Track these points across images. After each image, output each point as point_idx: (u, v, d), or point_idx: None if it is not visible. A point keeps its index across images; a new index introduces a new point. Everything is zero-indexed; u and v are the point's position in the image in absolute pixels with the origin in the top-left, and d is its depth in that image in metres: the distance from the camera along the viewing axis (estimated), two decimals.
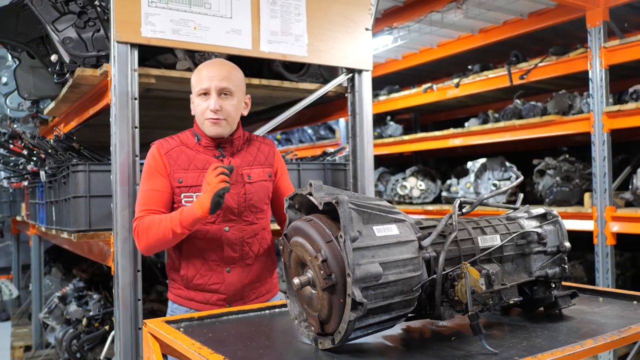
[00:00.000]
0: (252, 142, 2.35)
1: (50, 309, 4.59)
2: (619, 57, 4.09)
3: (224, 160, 2.23)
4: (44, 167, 3.25)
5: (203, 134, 2.23)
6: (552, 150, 5.50)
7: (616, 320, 1.73)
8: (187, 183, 2.17)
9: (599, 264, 4.18)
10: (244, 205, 2.22)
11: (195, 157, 2.21)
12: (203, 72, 2.20)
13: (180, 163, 2.19)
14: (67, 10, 2.69)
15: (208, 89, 2.17)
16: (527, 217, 1.89)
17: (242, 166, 2.24)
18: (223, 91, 2.18)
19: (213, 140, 2.23)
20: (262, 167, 2.30)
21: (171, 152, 2.20)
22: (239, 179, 2.22)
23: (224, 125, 2.19)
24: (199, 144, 2.24)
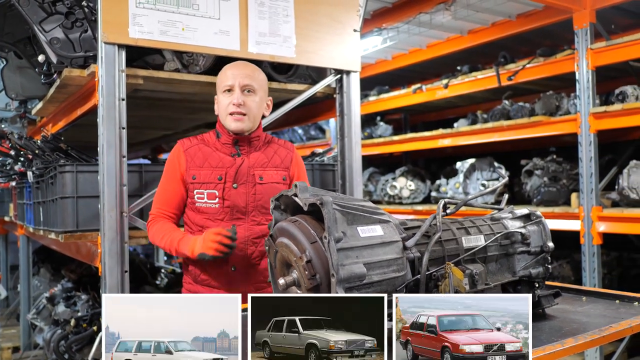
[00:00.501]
0: (271, 145, 2.39)
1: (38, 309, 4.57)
2: (605, 59, 4.13)
3: (238, 159, 2.27)
4: (31, 168, 3.24)
5: (224, 131, 2.28)
6: (540, 151, 5.54)
7: (598, 319, 1.75)
8: (199, 180, 2.24)
9: (585, 263, 4.21)
10: (252, 205, 2.26)
11: (210, 155, 2.27)
12: (228, 71, 2.27)
13: (196, 160, 2.26)
14: (55, 10, 2.69)
15: (232, 85, 2.23)
16: (511, 217, 1.91)
17: (254, 167, 2.28)
18: (246, 88, 2.24)
19: (231, 137, 2.27)
20: (276, 169, 2.33)
21: (190, 149, 2.28)
22: (249, 179, 2.26)
23: (245, 120, 2.24)
24: (218, 141, 2.29)
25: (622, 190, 4.09)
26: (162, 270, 5.42)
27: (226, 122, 2.25)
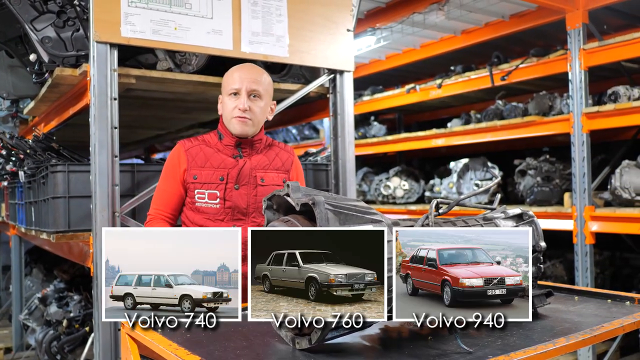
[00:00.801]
0: (272, 148, 2.41)
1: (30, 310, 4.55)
2: (598, 59, 4.14)
3: (239, 160, 2.29)
4: (23, 168, 3.22)
5: (226, 132, 2.30)
6: (534, 151, 5.56)
7: (590, 319, 1.76)
8: (201, 180, 2.25)
9: (578, 263, 4.23)
10: (253, 207, 2.28)
11: (212, 156, 2.28)
12: (235, 74, 2.28)
13: (198, 160, 2.27)
14: (46, 9, 2.67)
15: (239, 89, 2.24)
16: (503, 217, 1.91)
17: (256, 168, 2.31)
18: (253, 93, 2.26)
19: (234, 139, 2.29)
20: (277, 172, 2.36)
21: (191, 149, 2.28)
22: (251, 181, 2.29)
23: (250, 125, 2.26)
24: (220, 143, 2.31)
25: (615, 190, 4.11)
26: None
27: (231, 125, 2.27)
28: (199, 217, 2.26)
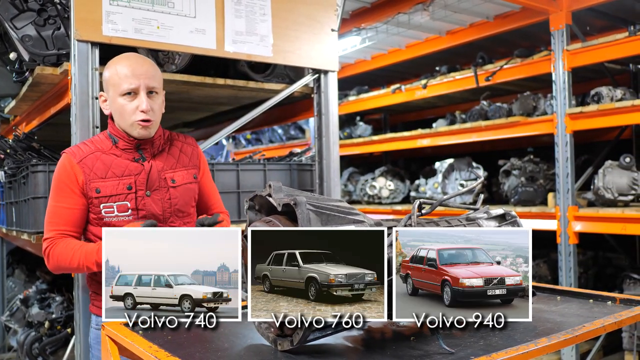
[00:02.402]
0: (174, 143, 2.19)
1: (12, 311, 4.50)
2: (581, 60, 4.18)
3: (145, 164, 2.08)
4: (3, 168, 3.18)
5: (122, 135, 2.06)
6: (519, 151, 5.60)
7: (572, 319, 1.76)
8: (105, 193, 2.02)
9: (562, 262, 4.26)
10: (169, 211, 2.10)
11: (112, 163, 2.04)
12: (126, 69, 2.01)
13: (97, 171, 2.02)
14: (26, 7, 2.64)
15: (136, 88, 2.00)
16: (486, 217, 1.91)
17: (164, 169, 2.11)
18: (151, 90, 2.03)
19: (132, 142, 2.07)
20: (186, 169, 2.17)
21: (85, 160, 2.03)
22: (162, 184, 2.09)
23: (153, 126, 2.05)
24: (115, 147, 2.07)
25: (598, 190, 4.14)
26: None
27: (131, 130, 2.03)
28: None
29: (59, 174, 2.04)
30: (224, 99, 3.39)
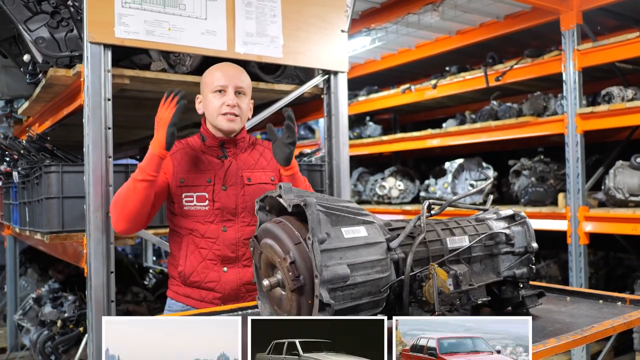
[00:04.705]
0: (256, 147, 2.40)
1: (24, 310, 4.54)
2: (592, 60, 4.16)
3: (225, 161, 2.28)
4: (16, 168, 3.22)
5: (209, 134, 2.29)
6: (529, 151, 5.58)
7: (581, 319, 1.77)
8: (188, 183, 2.24)
9: (572, 263, 4.24)
10: (242, 206, 2.27)
11: (197, 158, 2.27)
12: (218, 72, 2.27)
13: (184, 164, 2.25)
14: (40, 9, 2.67)
15: (225, 86, 2.24)
16: (495, 218, 1.92)
17: (242, 168, 2.30)
18: (238, 90, 2.26)
19: (217, 140, 2.28)
20: (263, 170, 2.35)
21: (176, 154, 2.27)
22: (238, 181, 2.28)
23: (237, 121, 2.27)
24: (203, 145, 2.30)
25: (609, 190, 4.12)
26: (150, 270, 5.40)
27: (217, 122, 2.25)
28: (188, 221, 2.25)
29: None
30: None
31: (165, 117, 2.09)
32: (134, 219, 2.15)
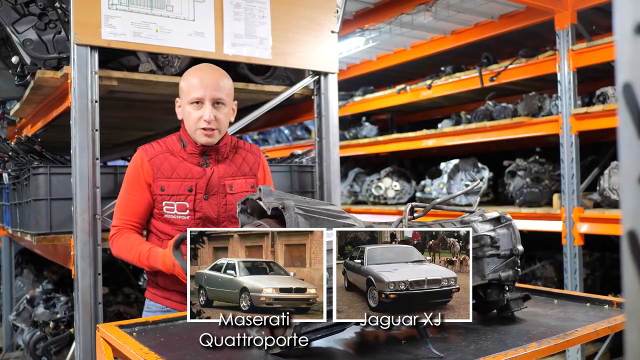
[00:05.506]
0: (239, 151, 2.34)
1: (18, 311, 4.54)
2: (587, 60, 4.14)
3: (207, 169, 2.22)
4: (6, 170, 3.21)
5: (190, 141, 2.22)
6: (525, 151, 5.56)
7: (566, 323, 1.76)
8: (168, 192, 2.18)
9: (567, 264, 4.23)
10: (224, 216, 2.23)
11: (178, 166, 2.20)
12: (195, 80, 2.16)
13: (164, 171, 2.18)
14: (27, 11, 2.66)
15: (202, 98, 2.14)
16: (481, 220, 1.90)
17: (224, 176, 2.24)
18: (216, 101, 2.16)
19: (198, 148, 2.21)
20: (245, 178, 2.30)
21: (155, 159, 2.19)
22: (220, 190, 2.22)
23: (216, 135, 2.18)
24: (184, 150, 2.22)
25: (603, 191, 4.11)
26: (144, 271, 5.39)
27: (195, 136, 2.18)
28: (168, 227, 2.20)
29: (131, 169, 2.22)
30: None
31: (182, 275, 1.99)
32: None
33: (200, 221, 2.19)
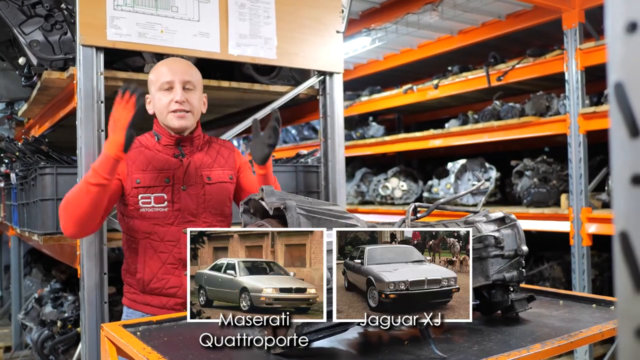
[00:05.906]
0: (212, 145, 2.32)
1: (27, 310, 4.57)
2: (594, 59, 4.11)
3: (184, 160, 2.19)
4: (14, 170, 3.24)
5: (164, 132, 2.20)
6: (532, 151, 5.53)
7: (571, 324, 1.74)
8: (144, 184, 2.14)
9: (575, 265, 4.20)
10: (203, 207, 2.19)
11: (153, 158, 2.17)
12: (163, 68, 2.18)
13: (139, 164, 2.15)
14: (34, 13, 2.68)
15: (172, 81, 2.14)
16: (485, 220, 1.89)
17: (201, 167, 2.21)
18: (187, 84, 2.16)
19: (173, 138, 2.19)
20: (222, 169, 2.27)
21: (130, 152, 2.13)
22: (198, 180, 2.19)
23: (189, 117, 2.17)
24: (158, 144, 2.20)
25: (612, 191, 4.07)
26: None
27: (167, 121, 2.16)
28: (146, 224, 2.14)
29: None
30: (231, 101, 3.41)
31: (123, 117, 1.96)
32: (84, 223, 2.02)
33: (179, 213, 2.15)
